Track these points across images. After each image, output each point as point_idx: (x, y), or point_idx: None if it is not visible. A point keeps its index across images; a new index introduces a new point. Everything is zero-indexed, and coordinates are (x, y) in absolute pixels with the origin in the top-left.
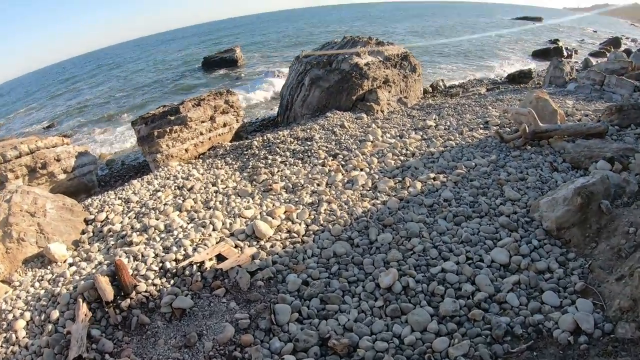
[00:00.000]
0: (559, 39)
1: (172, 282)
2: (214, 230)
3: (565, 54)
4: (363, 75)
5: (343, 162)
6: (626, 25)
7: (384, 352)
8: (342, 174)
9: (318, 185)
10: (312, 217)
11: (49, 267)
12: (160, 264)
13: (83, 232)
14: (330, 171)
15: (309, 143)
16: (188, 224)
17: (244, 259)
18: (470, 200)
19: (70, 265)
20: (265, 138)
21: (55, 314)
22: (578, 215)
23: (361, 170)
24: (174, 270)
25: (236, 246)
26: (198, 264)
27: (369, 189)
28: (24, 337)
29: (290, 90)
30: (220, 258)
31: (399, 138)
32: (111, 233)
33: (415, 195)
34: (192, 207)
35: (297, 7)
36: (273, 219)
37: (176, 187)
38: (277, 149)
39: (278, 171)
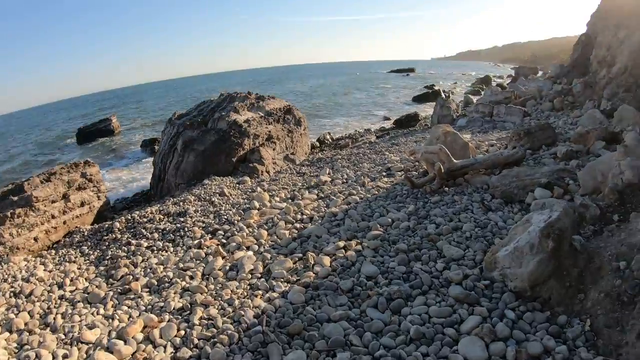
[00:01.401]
0: (434, 84)
1: None
2: None
3: (443, 95)
4: (243, 133)
5: (224, 240)
6: (490, 66)
7: None
8: (223, 257)
9: (191, 278)
10: (183, 332)
11: None
12: None
13: None
14: (207, 255)
15: (181, 219)
16: (10, 356)
17: None
18: (402, 272)
19: None
20: (130, 217)
21: None
22: (552, 263)
23: (247, 248)
24: None
25: None
26: None
27: (260, 275)
28: None
29: (162, 158)
30: None
31: (290, 201)
32: None
33: (325, 277)
34: (25, 325)
35: (177, 77)
36: (125, 343)
37: (12, 294)
38: (144, 230)
39: (142, 261)
